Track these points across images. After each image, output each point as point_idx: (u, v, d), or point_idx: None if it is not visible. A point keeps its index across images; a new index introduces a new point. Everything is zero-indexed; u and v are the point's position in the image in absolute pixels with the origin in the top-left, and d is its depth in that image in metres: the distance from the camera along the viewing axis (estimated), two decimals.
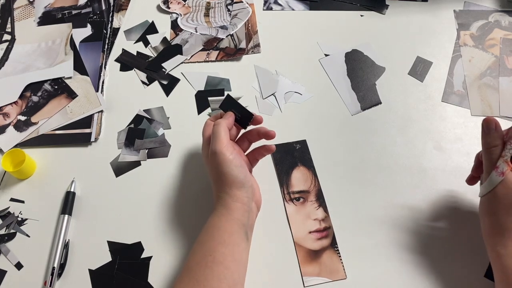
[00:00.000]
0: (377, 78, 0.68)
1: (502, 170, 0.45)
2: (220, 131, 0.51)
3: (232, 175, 0.49)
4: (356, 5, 0.77)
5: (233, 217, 0.49)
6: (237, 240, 0.48)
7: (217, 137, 0.50)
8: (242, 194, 0.50)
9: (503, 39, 0.70)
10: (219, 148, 0.50)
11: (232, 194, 0.49)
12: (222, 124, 0.52)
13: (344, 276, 0.53)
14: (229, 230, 0.48)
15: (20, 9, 0.79)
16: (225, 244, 0.47)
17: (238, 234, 0.48)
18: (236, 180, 0.49)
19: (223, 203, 0.50)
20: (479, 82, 0.67)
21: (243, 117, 0.55)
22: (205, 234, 0.49)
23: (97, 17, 0.77)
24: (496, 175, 0.45)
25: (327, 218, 0.57)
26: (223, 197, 0.50)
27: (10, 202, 0.60)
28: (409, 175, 0.59)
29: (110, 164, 0.62)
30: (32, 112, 0.67)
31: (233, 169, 0.49)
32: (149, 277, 0.54)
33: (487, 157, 0.47)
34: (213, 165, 0.51)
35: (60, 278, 0.54)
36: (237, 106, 0.55)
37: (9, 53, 0.73)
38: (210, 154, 0.51)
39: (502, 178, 0.45)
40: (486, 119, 0.48)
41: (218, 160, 0.49)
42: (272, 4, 0.78)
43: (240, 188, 0.50)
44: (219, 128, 0.51)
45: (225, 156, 0.49)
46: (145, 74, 0.71)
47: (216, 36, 0.74)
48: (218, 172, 0.50)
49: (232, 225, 0.48)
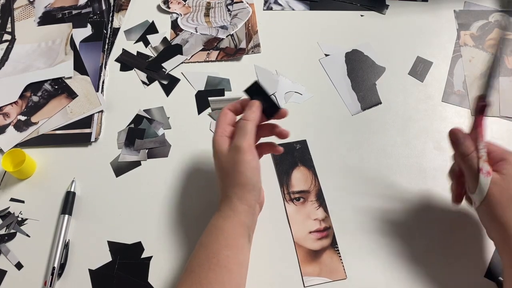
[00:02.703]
0: (377, 78, 0.68)
1: (487, 169, 0.45)
2: (251, 128, 0.48)
3: (247, 176, 0.47)
4: (356, 5, 0.76)
5: (238, 219, 0.48)
6: (241, 243, 0.48)
7: (246, 133, 0.48)
8: (250, 196, 0.48)
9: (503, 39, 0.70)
10: (245, 146, 0.47)
11: (240, 195, 0.48)
12: (254, 120, 0.49)
13: (344, 276, 0.53)
14: (234, 233, 0.47)
15: (20, 9, 0.79)
16: (229, 247, 0.46)
17: (242, 237, 0.48)
18: (249, 183, 0.48)
19: (229, 204, 0.48)
20: (480, 82, 0.66)
21: (268, 108, 0.51)
22: (209, 235, 0.48)
23: (97, 17, 0.77)
24: (484, 176, 0.45)
25: (327, 218, 0.57)
26: (231, 198, 0.48)
27: (10, 202, 0.60)
28: (409, 175, 0.59)
29: (110, 164, 0.62)
30: (32, 112, 0.67)
31: (249, 170, 0.47)
32: (149, 277, 0.54)
33: (468, 165, 0.46)
34: (228, 160, 0.48)
35: (60, 278, 0.54)
36: (264, 95, 0.51)
37: (9, 53, 0.73)
38: (232, 148, 0.48)
39: (491, 177, 0.44)
40: (451, 131, 0.48)
41: (238, 158, 0.47)
42: (272, 4, 0.78)
43: (250, 190, 0.48)
44: (250, 125, 0.48)
45: (246, 156, 0.47)
46: (145, 74, 0.71)
47: (216, 36, 0.74)
48: (232, 169, 0.48)
49: (237, 227, 0.48)
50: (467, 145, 0.46)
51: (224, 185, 0.50)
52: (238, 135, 0.48)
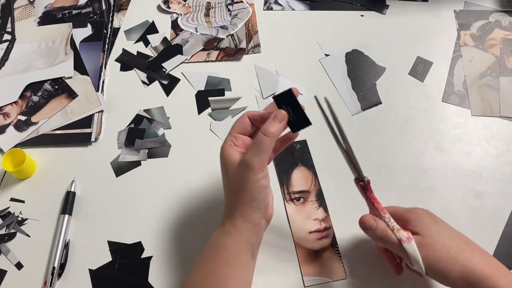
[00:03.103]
0: (377, 78, 0.68)
1: (405, 236, 0.44)
2: (269, 145, 0.44)
3: (253, 195, 0.44)
4: (356, 5, 0.76)
5: (241, 238, 0.45)
6: (243, 261, 0.45)
7: (261, 151, 0.43)
8: (255, 215, 0.45)
9: (504, 39, 0.70)
10: (256, 165, 0.43)
11: (245, 213, 0.45)
12: (274, 136, 0.44)
13: (344, 276, 0.53)
14: (236, 251, 0.45)
15: (20, 9, 0.79)
16: (229, 265, 0.44)
17: (245, 255, 0.46)
18: (254, 201, 0.45)
19: (232, 221, 0.46)
20: (480, 82, 0.67)
21: (296, 121, 0.46)
22: (209, 251, 0.46)
23: (97, 17, 0.77)
24: (408, 244, 0.43)
25: (327, 218, 0.57)
26: (234, 215, 0.45)
27: (10, 202, 0.60)
28: (409, 175, 0.59)
29: (110, 164, 0.62)
30: (32, 112, 0.67)
31: (257, 189, 0.44)
32: (149, 277, 0.54)
33: (390, 244, 0.45)
34: (236, 175, 0.45)
35: (60, 278, 0.54)
36: (295, 105, 0.45)
37: (9, 53, 0.73)
38: (242, 164, 0.44)
39: (413, 241, 0.43)
40: (361, 220, 0.46)
41: (246, 175, 0.43)
42: (273, 4, 0.78)
43: (255, 209, 0.45)
44: (268, 142, 0.43)
45: (256, 175, 0.43)
46: (145, 74, 0.71)
47: (217, 36, 0.74)
48: (238, 186, 0.44)
49: (239, 246, 0.45)
50: (379, 229, 0.45)
51: (229, 200, 0.47)
52: (253, 151, 0.44)
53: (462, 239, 0.45)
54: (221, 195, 0.59)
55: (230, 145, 0.46)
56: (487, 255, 0.44)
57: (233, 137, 0.46)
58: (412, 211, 0.46)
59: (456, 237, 0.44)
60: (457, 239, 0.44)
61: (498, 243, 0.54)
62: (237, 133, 0.47)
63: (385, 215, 0.46)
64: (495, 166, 0.59)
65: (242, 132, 0.47)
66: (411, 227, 0.45)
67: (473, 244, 0.44)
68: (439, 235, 0.44)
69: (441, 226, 0.45)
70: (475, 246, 0.44)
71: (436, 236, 0.43)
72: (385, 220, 0.46)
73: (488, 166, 0.60)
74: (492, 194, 0.57)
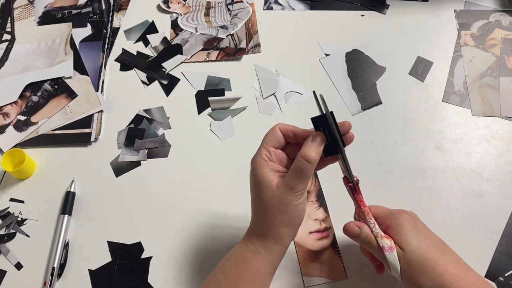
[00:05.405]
0: (377, 78, 0.68)
1: (388, 245, 0.44)
2: (312, 171, 0.42)
3: (292, 218, 0.43)
4: (356, 5, 0.76)
5: (269, 259, 0.44)
6: (265, 280, 0.45)
7: (305, 178, 0.42)
8: (288, 238, 0.44)
9: (504, 39, 0.70)
10: (299, 189, 0.42)
11: (277, 235, 0.43)
12: (315, 162, 0.42)
13: (344, 276, 0.53)
14: (260, 271, 0.44)
15: (20, 9, 0.79)
16: (252, 284, 0.43)
17: (268, 275, 0.45)
18: (290, 225, 0.43)
19: (263, 241, 0.44)
20: (480, 82, 0.66)
21: (330, 146, 0.43)
22: (233, 266, 0.45)
23: (97, 17, 0.77)
24: (389, 254, 0.44)
25: (327, 218, 0.56)
26: (265, 235, 0.44)
27: (10, 202, 0.60)
28: (409, 175, 0.59)
29: (110, 164, 0.62)
30: (32, 112, 0.67)
31: (296, 212, 0.43)
32: (149, 277, 0.54)
33: (372, 250, 0.45)
34: (275, 195, 0.42)
35: (60, 278, 0.54)
36: (333, 129, 0.43)
37: (9, 53, 0.73)
38: (284, 186, 0.42)
39: (394, 251, 0.44)
40: (344, 228, 0.46)
41: (287, 198, 0.42)
42: (273, 3, 0.78)
43: (289, 233, 0.44)
44: (310, 169, 0.42)
45: (298, 199, 0.42)
46: (145, 74, 0.71)
47: (216, 36, 0.74)
48: (277, 207, 0.42)
49: (265, 265, 0.44)
50: (364, 233, 0.45)
51: (260, 219, 0.44)
52: (295, 176, 0.42)
53: (440, 250, 0.44)
54: (221, 195, 0.59)
55: (266, 160, 0.44)
56: (461, 268, 0.43)
57: (267, 150, 0.44)
58: (395, 217, 0.46)
59: (434, 247, 0.44)
60: (435, 251, 0.44)
61: (498, 243, 0.54)
62: (271, 146, 0.44)
63: (370, 220, 0.46)
64: (496, 166, 0.59)
65: (275, 145, 0.44)
66: (391, 235, 0.45)
67: (450, 255, 0.44)
68: (416, 247, 0.43)
69: (422, 235, 0.45)
70: (451, 257, 0.44)
71: (413, 248, 0.43)
72: (370, 225, 0.45)
73: (489, 166, 0.59)
74: (492, 194, 0.57)
